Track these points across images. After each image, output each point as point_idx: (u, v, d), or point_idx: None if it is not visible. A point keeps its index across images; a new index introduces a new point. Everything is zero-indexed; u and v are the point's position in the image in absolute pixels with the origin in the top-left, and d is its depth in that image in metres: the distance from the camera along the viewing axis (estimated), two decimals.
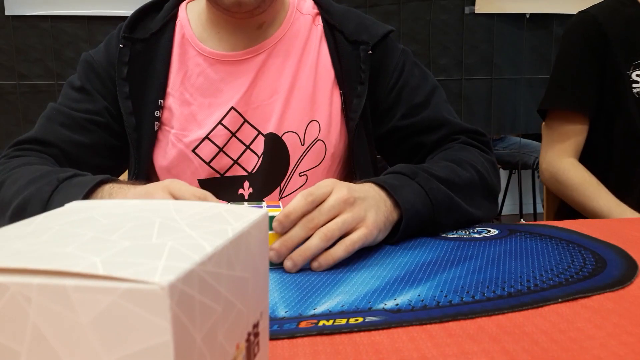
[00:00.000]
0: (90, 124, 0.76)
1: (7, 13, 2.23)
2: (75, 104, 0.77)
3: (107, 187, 0.60)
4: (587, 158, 1.07)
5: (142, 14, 0.79)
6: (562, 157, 1.06)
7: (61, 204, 0.58)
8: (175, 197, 0.53)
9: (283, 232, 0.51)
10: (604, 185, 1.02)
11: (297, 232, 0.51)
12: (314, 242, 0.50)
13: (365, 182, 0.60)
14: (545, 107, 1.10)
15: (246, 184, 0.77)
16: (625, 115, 1.02)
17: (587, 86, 1.04)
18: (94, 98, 0.77)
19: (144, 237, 0.20)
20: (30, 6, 2.23)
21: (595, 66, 1.03)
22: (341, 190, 0.54)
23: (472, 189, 0.67)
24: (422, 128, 0.78)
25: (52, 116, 0.76)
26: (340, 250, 0.51)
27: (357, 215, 0.53)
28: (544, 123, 1.12)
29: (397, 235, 0.58)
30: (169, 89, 0.77)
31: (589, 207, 0.99)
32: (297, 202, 0.52)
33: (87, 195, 0.58)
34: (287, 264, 0.50)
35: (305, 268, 0.51)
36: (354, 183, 0.58)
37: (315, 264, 0.51)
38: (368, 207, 0.55)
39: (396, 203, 0.59)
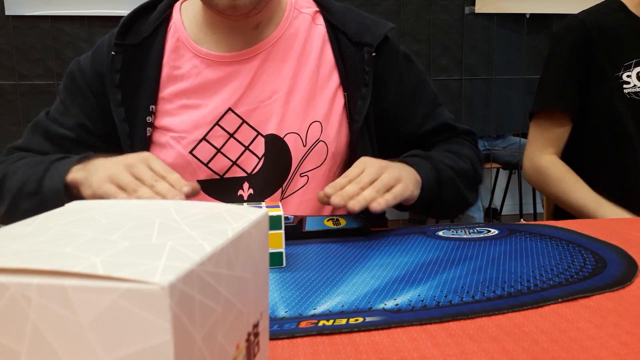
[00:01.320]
0: (63, 139, 0.79)
1: (7, 13, 2.23)
2: (58, 117, 0.80)
3: (85, 161, 0.68)
4: (577, 160, 1.09)
5: (136, 16, 0.79)
6: (543, 153, 1.10)
7: (52, 178, 0.66)
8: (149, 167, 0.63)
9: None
10: (597, 185, 1.03)
11: (351, 187, 0.62)
12: (369, 192, 0.61)
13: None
14: (533, 110, 1.13)
15: (245, 185, 0.77)
16: (615, 116, 1.05)
17: (570, 88, 1.07)
18: (70, 113, 0.79)
19: (144, 237, 0.20)
20: (31, 6, 2.23)
21: (579, 70, 1.07)
22: (372, 163, 0.66)
23: (466, 178, 0.78)
24: (432, 133, 0.84)
25: (35, 127, 0.80)
26: (388, 196, 0.62)
27: (394, 175, 0.64)
28: (530, 126, 1.15)
29: (414, 204, 0.69)
30: (164, 93, 0.77)
31: (565, 200, 1.03)
32: (338, 180, 0.63)
33: (75, 163, 0.68)
34: (352, 202, 0.60)
35: (306, 268, 0.52)
36: None
37: (374, 204, 0.60)
38: (400, 169, 0.67)
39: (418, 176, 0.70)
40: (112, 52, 0.76)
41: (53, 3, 2.24)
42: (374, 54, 0.77)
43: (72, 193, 0.66)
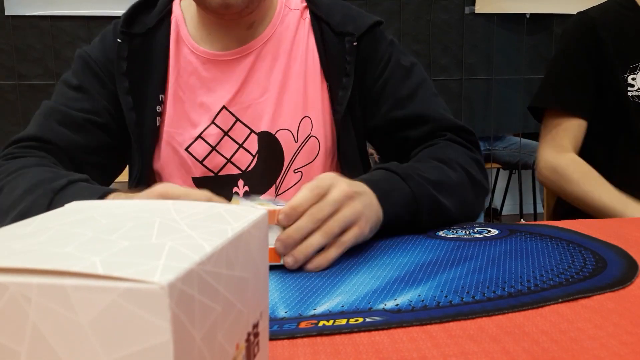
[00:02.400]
0: (89, 124, 0.74)
1: (7, 13, 2.22)
2: (72, 103, 0.75)
3: (112, 197, 0.57)
4: (588, 163, 1.06)
5: (138, 9, 0.79)
6: (561, 152, 1.04)
7: None
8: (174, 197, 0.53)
9: (289, 225, 0.51)
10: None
11: (305, 224, 0.51)
12: (316, 240, 0.51)
13: (359, 180, 0.60)
14: (538, 105, 1.10)
15: (241, 183, 0.78)
16: (625, 119, 1.02)
17: (581, 88, 1.04)
18: (92, 97, 0.75)
19: (143, 237, 0.20)
20: (30, 6, 2.23)
21: (590, 69, 1.03)
22: (342, 184, 0.55)
23: (462, 189, 0.68)
24: (408, 123, 0.77)
25: (50, 114, 0.74)
26: (333, 252, 0.52)
27: (355, 211, 0.54)
28: (541, 124, 1.11)
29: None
30: (171, 84, 0.77)
31: (589, 201, 0.97)
32: (303, 195, 0.52)
33: None
34: (288, 260, 0.51)
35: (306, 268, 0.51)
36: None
37: (311, 266, 0.51)
38: (365, 204, 0.56)
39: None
40: (119, 40, 0.75)
41: (53, 3, 2.24)
42: (355, 43, 0.76)
43: None
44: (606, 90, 1.04)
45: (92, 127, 0.75)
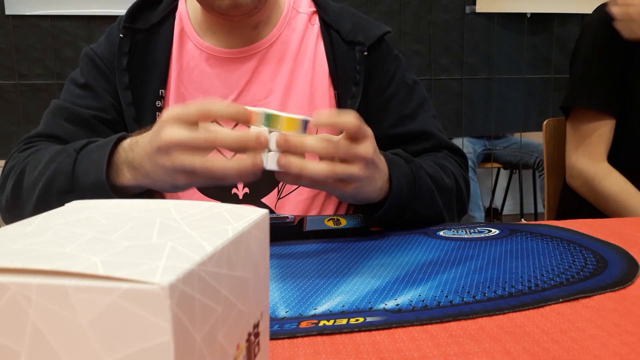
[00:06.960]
0: (96, 120, 0.75)
1: (7, 12, 2.22)
2: (79, 101, 0.76)
3: (127, 142, 0.59)
4: (612, 160, 1.04)
5: (143, 4, 0.79)
6: (595, 162, 1.01)
7: (86, 171, 0.59)
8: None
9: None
10: None
11: (314, 145, 0.52)
12: (317, 168, 0.51)
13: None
14: (569, 104, 1.06)
15: (240, 184, 0.78)
16: (633, 119, 1.00)
17: (611, 85, 1.00)
18: (98, 94, 0.76)
19: (144, 237, 0.20)
20: (30, 5, 2.23)
21: (618, 64, 1.00)
22: (370, 146, 0.54)
23: (450, 195, 0.71)
24: (408, 138, 0.79)
25: (57, 112, 0.76)
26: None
27: (369, 177, 0.55)
28: (567, 122, 1.07)
29: (379, 212, 0.62)
30: (172, 80, 0.77)
31: (625, 213, 0.95)
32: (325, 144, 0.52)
33: (111, 153, 0.58)
34: (284, 160, 0.51)
35: (306, 268, 0.51)
36: None
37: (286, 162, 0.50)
38: (371, 179, 0.56)
39: (388, 179, 0.62)
40: (121, 35, 0.75)
41: (53, 2, 2.24)
42: (365, 53, 0.77)
43: (114, 181, 0.58)
44: (632, 87, 1.00)
45: (99, 124, 0.76)
